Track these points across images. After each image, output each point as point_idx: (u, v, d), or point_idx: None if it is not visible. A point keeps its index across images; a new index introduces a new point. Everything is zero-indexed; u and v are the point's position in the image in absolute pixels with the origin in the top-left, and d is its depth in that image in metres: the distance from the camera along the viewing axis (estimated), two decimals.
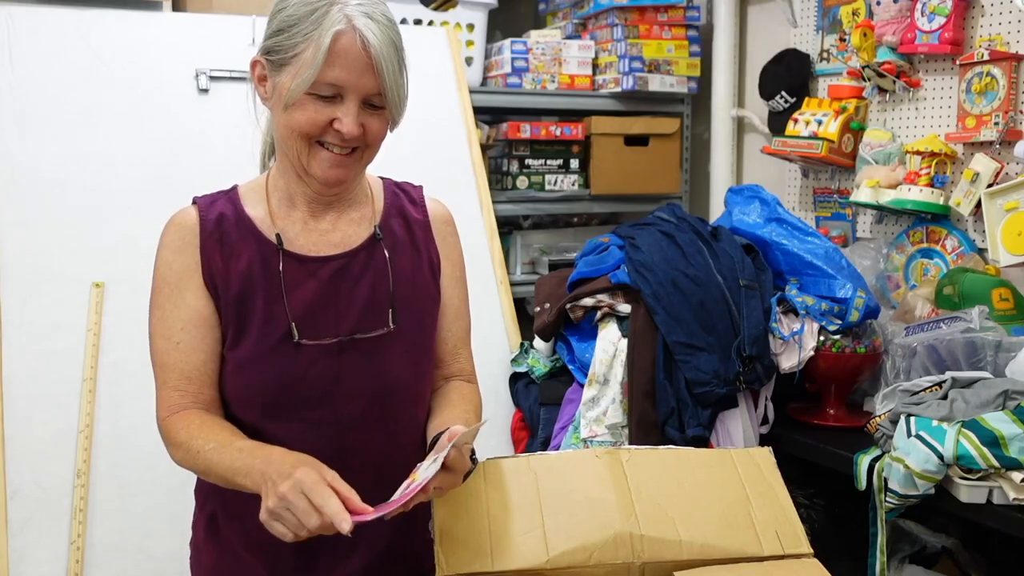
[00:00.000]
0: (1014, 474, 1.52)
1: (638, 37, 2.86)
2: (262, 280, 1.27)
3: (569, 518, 1.21)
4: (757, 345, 1.93)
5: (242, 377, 1.27)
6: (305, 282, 1.28)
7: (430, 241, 1.41)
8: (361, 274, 1.32)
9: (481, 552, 1.18)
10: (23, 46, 2.13)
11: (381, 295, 1.32)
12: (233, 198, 1.33)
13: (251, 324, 1.26)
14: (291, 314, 1.26)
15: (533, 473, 1.28)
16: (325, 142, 1.23)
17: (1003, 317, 1.92)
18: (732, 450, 1.38)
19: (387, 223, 1.38)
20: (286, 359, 1.26)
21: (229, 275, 1.27)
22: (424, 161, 2.42)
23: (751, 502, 1.27)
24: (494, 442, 2.20)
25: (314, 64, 1.17)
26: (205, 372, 1.27)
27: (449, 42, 2.62)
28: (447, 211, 1.47)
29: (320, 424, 1.27)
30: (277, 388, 1.26)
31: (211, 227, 1.29)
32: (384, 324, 1.31)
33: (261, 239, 1.29)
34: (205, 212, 1.30)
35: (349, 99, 1.22)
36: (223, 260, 1.28)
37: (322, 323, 1.28)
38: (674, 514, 1.23)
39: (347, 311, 1.29)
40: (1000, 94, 2.05)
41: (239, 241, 1.29)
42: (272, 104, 1.25)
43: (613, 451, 1.32)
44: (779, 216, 2.14)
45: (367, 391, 1.29)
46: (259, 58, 1.26)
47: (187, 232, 1.29)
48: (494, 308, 2.37)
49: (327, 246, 1.32)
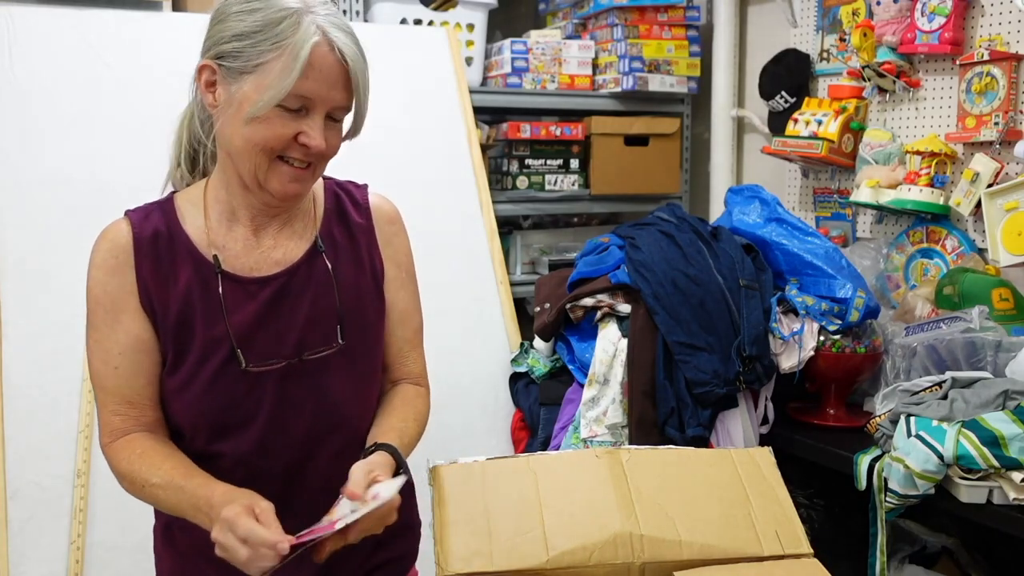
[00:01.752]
0: (1014, 474, 1.52)
1: (638, 37, 2.86)
2: (201, 303, 1.21)
3: (569, 518, 1.21)
4: (757, 345, 1.93)
5: (183, 401, 1.22)
6: (245, 304, 1.22)
7: (373, 247, 1.34)
8: (302, 290, 1.26)
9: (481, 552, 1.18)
10: (23, 46, 2.13)
11: (326, 311, 1.26)
12: (168, 211, 1.25)
13: (191, 349, 1.21)
14: (234, 339, 1.20)
15: (533, 473, 1.28)
16: (286, 156, 1.17)
17: (1003, 317, 1.92)
18: (732, 450, 1.38)
19: (328, 231, 1.31)
20: (229, 384, 1.21)
21: (167, 298, 1.21)
22: (424, 161, 2.43)
23: (751, 502, 1.27)
24: (494, 442, 2.20)
25: (288, 76, 1.12)
26: (146, 395, 1.22)
27: (449, 42, 2.62)
28: (392, 208, 1.39)
29: (268, 444, 1.23)
30: (220, 412, 1.22)
31: (146, 246, 1.22)
32: (332, 341, 1.26)
33: (199, 259, 1.22)
34: (139, 228, 1.22)
35: (316, 112, 1.16)
36: (160, 282, 1.21)
37: (265, 345, 1.22)
38: (674, 514, 1.23)
39: (289, 331, 1.24)
40: (1000, 94, 2.05)
41: (175, 261, 1.22)
42: (224, 113, 1.17)
43: (613, 451, 1.32)
44: (779, 216, 2.14)
45: (314, 409, 1.25)
46: (209, 62, 1.18)
47: (120, 251, 1.21)
48: (494, 308, 2.37)
49: (268, 264, 1.25)
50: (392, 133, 2.38)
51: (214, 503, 1.11)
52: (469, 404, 2.23)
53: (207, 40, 1.19)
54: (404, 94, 2.45)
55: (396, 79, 2.46)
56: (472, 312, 2.33)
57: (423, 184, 2.39)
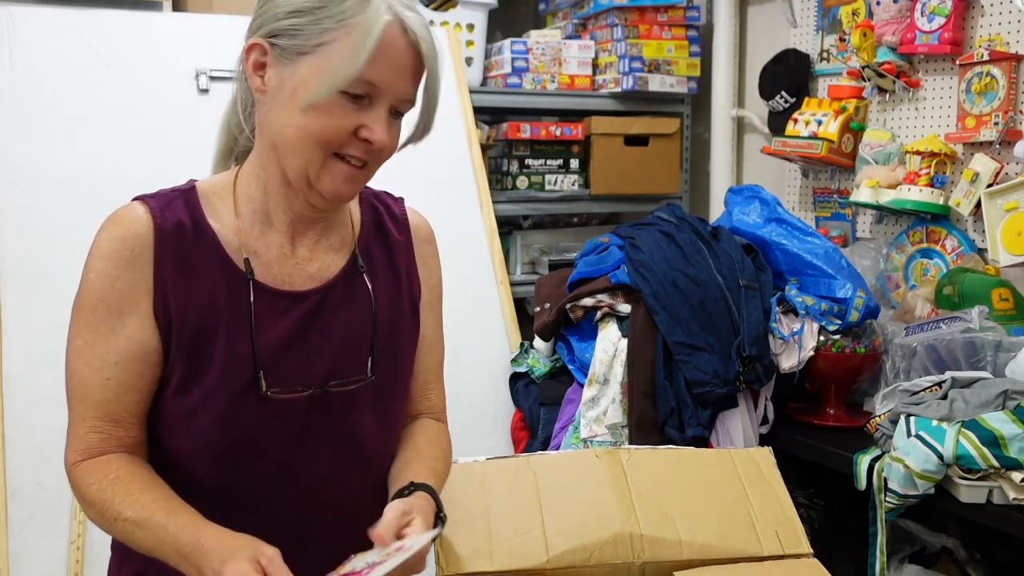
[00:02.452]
0: (1014, 474, 1.52)
1: (638, 37, 2.86)
2: (227, 315, 1.05)
3: (569, 518, 1.22)
4: (757, 345, 1.93)
5: (189, 428, 1.06)
6: (276, 322, 1.07)
7: (411, 266, 1.21)
8: (336, 311, 1.12)
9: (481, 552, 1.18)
10: (23, 46, 2.13)
11: (359, 337, 1.13)
12: (192, 203, 1.08)
13: (209, 367, 1.04)
14: (260, 360, 1.05)
15: (533, 473, 1.28)
16: (343, 152, 1.04)
17: (1003, 317, 1.92)
18: (732, 450, 1.38)
19: (366, 246, 1.17)
20: (248, 411, 1.06)
21: (187, 305, 1.04)
22: (424, 161, 2.42)
23: (751, 502, 1.27)
24: (494, 442, 2.20)
25: (358, 57, 0.98)
26: (135, 414, 1.05)
27: (449, 42, 2.62)
28: (429, 227, 1.27)
29: (281, 482, 1.09)
30: (233, 443, 1.06)
31: (168, 239, 1.05)
32: (361, 371, 1.12)
33: (227, 262, 1.07)
34: (160, 218, 1.05)
35: (380, 103, 1.04)
36: (181, 285, 1.05)
37: (291, 371, 1.08)
38: (674, 514, 1.23)
39: (319, 356, 1.10)
40: (1000, 94, 2.05)
41: (201, 262, 1.06)
42: (274, 100, 1.04)
43: (613, 451, 1.32)
44: (779, 216, 2.14)
45: (336, 446, 1.12)
46: (260, 41, 1.04)
47: (137, 242, 1.04)
48: (494, 308, 2.37)
49: (304, 279, 1.11)
50: None
51: (206, 551, 0.95)
52: (469, 404, 2.23)
53: (257, 17, 1.06)
54: None
55: None
56: (472, 312, 2.33)
57: (423, 184, 2.38)
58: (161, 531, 0.98)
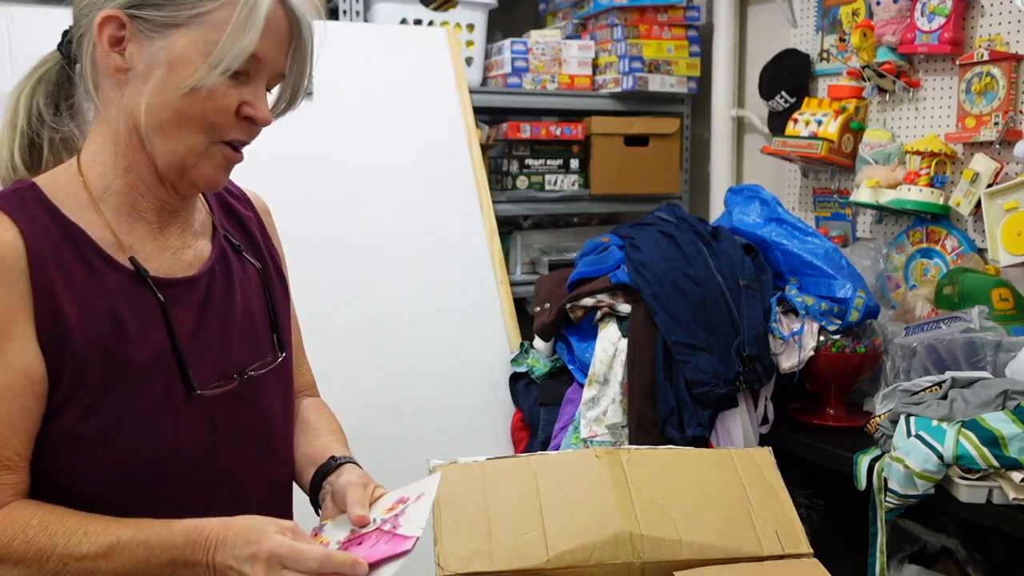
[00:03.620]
0: (1014, 474, 1.52)
1: (638, 37, 2.86)
2: (130, 318, 0.95)
3: (569, 518, 1.22)
4: (757, 345, 1.93)
5: (100, 452, 0.92)
6: (178, 314, 0.99)
7: (268, 241, 1.15)
8: (224, 294, 1.04)
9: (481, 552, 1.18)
10: (23, 46, 2.13)
11: (254, 317, 1.06)
12: (44, 201, 0.94)
13: (121, 379, 0.93)
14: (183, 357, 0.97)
15: (533, 473, 1.28)
16: (228, 138, 0.97)
17: (1003, 317, 1.92)
18: (732, 450, 1.38)
19: (224, 226, 1.10)
20: (174, 417, 0.96)
21: (84, 315, 0.92)
22: (424, 161, 2.43)
23: (751, 502, 1.27)
24: (494, 442, 2.20)
25: (247, 32, 0.90)
26: (25, 457, 0.91)
27: (449, 42, 2.62)
28: (264, 201, 1.20)
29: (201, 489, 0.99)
30: (156, 458, 0.95)
31: (40, 246, 0.91)
32: (268, 353, 1.06)
33: (111, 262, 0.96)
34: (24, 222, 0.91)
35: (260, 79, 0.96)
36: (71, 294, 0.92)
37: (211, 363, 1.00)
38: (674, 514, 1.23)
39: (224, 346, 1.02)
40: (1000, 94, 2.05)
41: (80, 265, 0.93)
42: (143, 79, 0.92)
43: (613, 451, 1.32)
44: (779, 216, 2.14)
45: (251, 438, 1.04)
46: (116, 12, 0.91)
47: (6, 252, 0.89)
48: (494, 308, 2.37)
49: (183, 267, 1.02)
50: (392, 133, 2.38)
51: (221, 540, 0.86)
52: (469, 404, 2.23)
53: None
54: (404, 94, 2.45)
55: (396, 79, 2.46)
56: (472, 312, 2.33)
57: (423, 184, 2.39)
58: (141, 547, 0.87)
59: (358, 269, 2.20)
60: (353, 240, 2.22)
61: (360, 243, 2.22)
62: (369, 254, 2.23)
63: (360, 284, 2.19)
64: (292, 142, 2.18)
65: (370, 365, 2.12)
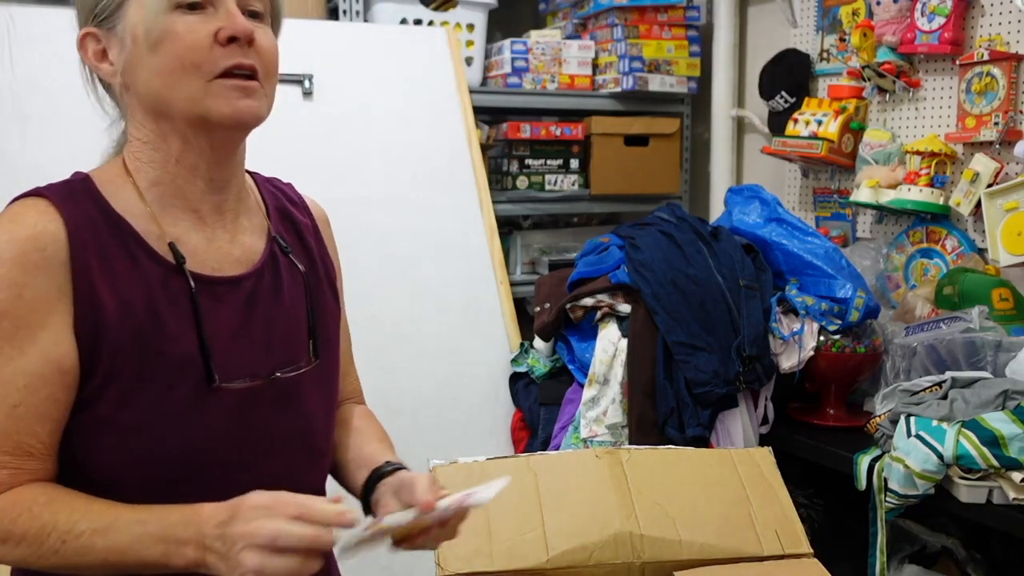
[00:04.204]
0: (1014, 474, 1.52)
1: (638, 37, 2.86)
2: (167, 311, 0.94)
3: (569, 518, 1.22)
4: (757, 345, 1.93)
5: (133, 445, 0.93)
6: (217, 311, 0.98)
7: (322, 248, 1.15)
8: (269, 295, 1.04)
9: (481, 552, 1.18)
10: (23, 46, 2.13)
11: (296, 321, 1.06)
12: (93, 192, 0.96)
13: (156, 372, 0.93)
14: (211, 353, 0.96)
15: (533, 473, 1.28)
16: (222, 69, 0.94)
17: (1003, 317, 1.92)
18: (732, 450, 1.38)
19: (278, 230, 1.10)
20: (202, 412, 0.96)
21: (122, 306, 0.92)
22: (424, 161, 2.43)
23: (751, 502, 1.27)
24: (494, 442, 2.20)
25: None
26: (50, 445, 0.92)
27: (449, 42, 2.62)
28: (323, 210, 1.21)
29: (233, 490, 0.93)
30: (188, 454, 0.95)
31: (84, 235, 0.92)
32: (303, 358, 1.05)
33: (153, 254, 0.96)
34: (69, 212, 0.92)
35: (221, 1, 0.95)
36: (110, 285, 0.92)
37: (240, 362, 0.99)
38: (674, 514, 1.23)
39: (263, 344, 1.02)
40: (1000, 94, 2.05)
41: (123, 256, 0.94)
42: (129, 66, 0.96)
43: (613, 451, 1.32)
44: (779, 216, 2.14)
45: (288, 442, 1.03)
46: (90, 29, 0.99)
47: (49, 241, 0.90)
48: (494, 308, 2.37)
49: (231, 263, 1.02)
50: (391, 133, 2.38)
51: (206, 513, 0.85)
52: (469, 404, 2.23)
53: (78, 14, 1.02)
54: (404, 94, 2.45)
55: (396, 79, 2.46)
56: (472, 312, 2.33)
57: (423, 184, 2.39)
58: (137, 524, 0.86)
59: (358, 269, 2.20)
60: (353, 240, 2.22)
61: (360, 243, 2.22)
62: (369, 254, 2.23)
63: (360, 284, 2.19)
64: (292, 142, 2.18)
65: (370, 365, 2.12)
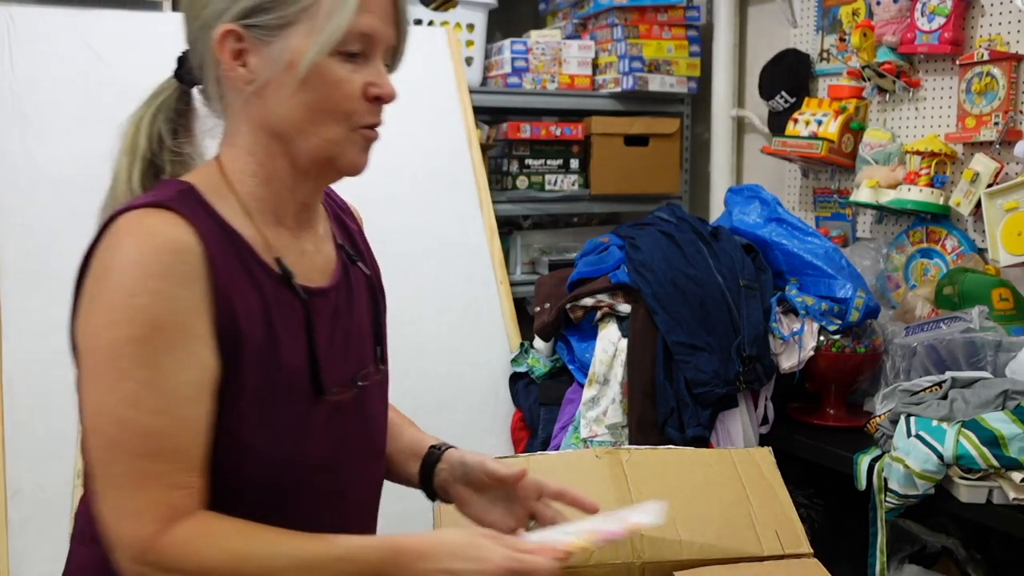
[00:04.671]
0: (1014, 474, 1.52)
1: (638, 37, 2.86)
2: (280, 322, 0.95)
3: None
4: (757, 345, 1.93)
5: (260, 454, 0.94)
6: (317, 322, 1.00)
7: (369, 253, 1.17)
8: (348, 307, 1.05)
9: None
10: (23, 46, 2.13)
11: (364, 330, 1.08)
12: (204, 203, 0.95)
13: (276, 385, 0.94)
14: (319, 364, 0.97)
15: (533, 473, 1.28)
16: (363, 122, 0.98)
17: (1003, 317, 1.92)
18: (732, 450, 1.38)
19: (342, 239, 1.12)
20: (310, 425, 0.98)
21: (250, 316, 0.93)
22: (424, 161, 2.43)
23: (751, 502, 1.27)
24: (494, 442, 2.20)
25: (343, 8, 0.91)
26: (205, 458, 0.91)
27: (449, 42, 2.62)
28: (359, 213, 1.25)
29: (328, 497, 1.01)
30: (296, 464, 0.97)
31: (216, 247, 0.91)
32: (371, 364, 1.07)
33: (264, 267, 0.96)
34: (197, 223, 0.91)
35: (376, 56, 0.97)
36: (240, 295, 0.92)
37: (334, 375, 1.00)
38: (674, 514, 1.23)
39: (346, 356, 1.03)
40: (1000, 94, 2.05)
41: (241, 269, 0.94)
42: (269, 85, 0.94)
43: (613, 451, 1.32)
44: (779, 216, 2.14)
45: (361, 446, 1.06)
46: (232, 26, 0.92)
47: (190, 253, 0.89)
48: (494, 308, 2.37)
49: (317, 274, 1.03)
50: (391, 133, 2.38)
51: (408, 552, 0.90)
52: (469, 404, 2.23)
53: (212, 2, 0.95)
54: (403, 94, 2.41)
55: (395, 79, 2.45)
56: (472, 312, 2.33)
57: (423, 184, 2.39)
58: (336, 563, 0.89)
59: None
60: None
61: None
62: None
63: None
64: None
65: None
